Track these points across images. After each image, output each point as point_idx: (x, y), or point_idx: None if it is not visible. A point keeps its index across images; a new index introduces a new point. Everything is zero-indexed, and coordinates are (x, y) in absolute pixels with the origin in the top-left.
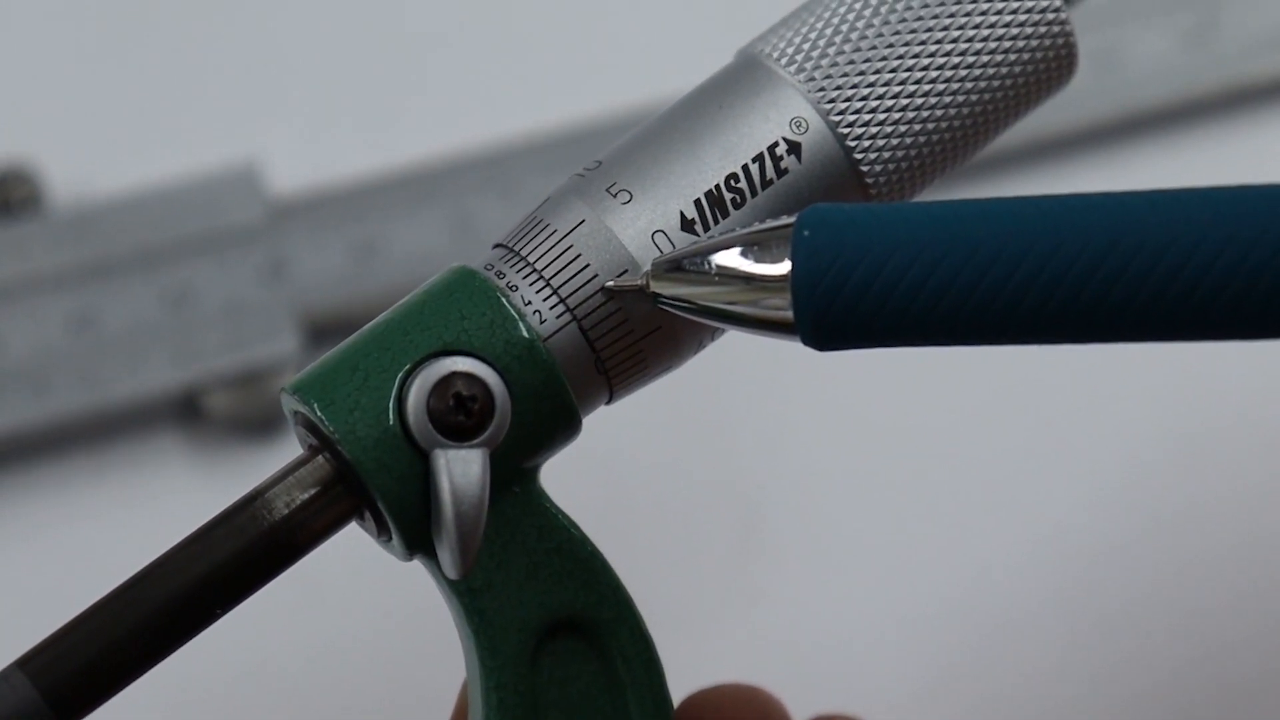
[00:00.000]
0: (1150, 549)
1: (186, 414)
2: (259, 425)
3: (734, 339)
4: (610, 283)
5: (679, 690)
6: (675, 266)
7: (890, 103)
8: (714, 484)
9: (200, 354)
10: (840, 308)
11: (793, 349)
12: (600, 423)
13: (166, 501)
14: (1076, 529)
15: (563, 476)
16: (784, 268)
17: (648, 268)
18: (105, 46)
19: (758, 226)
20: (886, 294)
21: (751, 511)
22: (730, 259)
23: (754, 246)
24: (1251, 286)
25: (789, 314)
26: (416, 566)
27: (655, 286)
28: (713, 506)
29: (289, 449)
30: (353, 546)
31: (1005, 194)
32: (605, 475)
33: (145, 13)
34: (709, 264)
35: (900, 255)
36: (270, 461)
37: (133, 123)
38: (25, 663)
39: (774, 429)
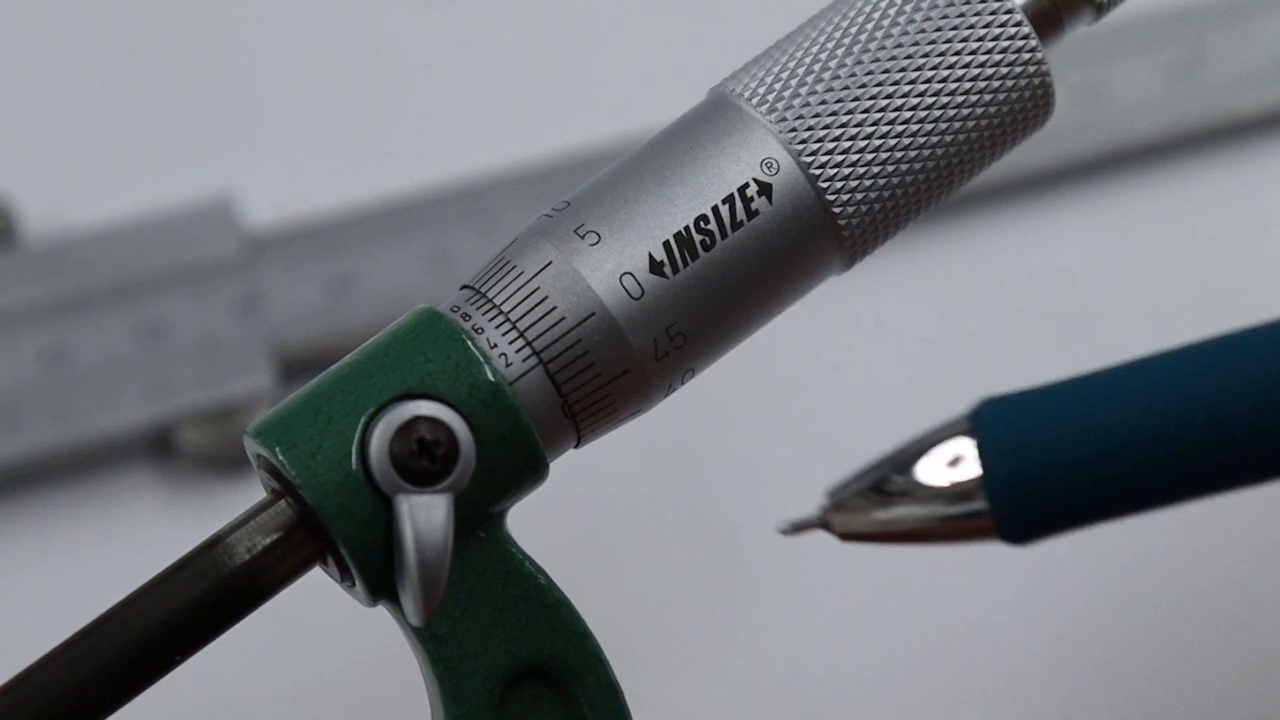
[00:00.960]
0: (1132, 594)
1: (159, 450)
2: (232, 461)
3: (703, 378)
4: (784, 529)
5: None
6: (855, 495)
7: (863, 144)
8: (688, 522)
9: (174, 389)
10: (1038, 499)
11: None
12: (572, 459)
13: (139, 538)
14: (1061, 566)
15: (531, 515)
16: (972, 469)
17: (822, 504)
18: (80, 80)
19: (929, 433)
20: (1079, 476)
21: (727, 551)
22: (912, 478)
23: (931, 453)
24: None
25: (986, 516)
26: (381, 610)
27: (839, 525)
28: (687, 545)
29: (261, 485)
30: (316, 589)
31: (988, 228)
32: (575, 514)
33: (121, 47)
34: (892, 483)
35: (1086, 434)
36: (243, 498)
37: (107, 155)
38: None
39: (750, 464)
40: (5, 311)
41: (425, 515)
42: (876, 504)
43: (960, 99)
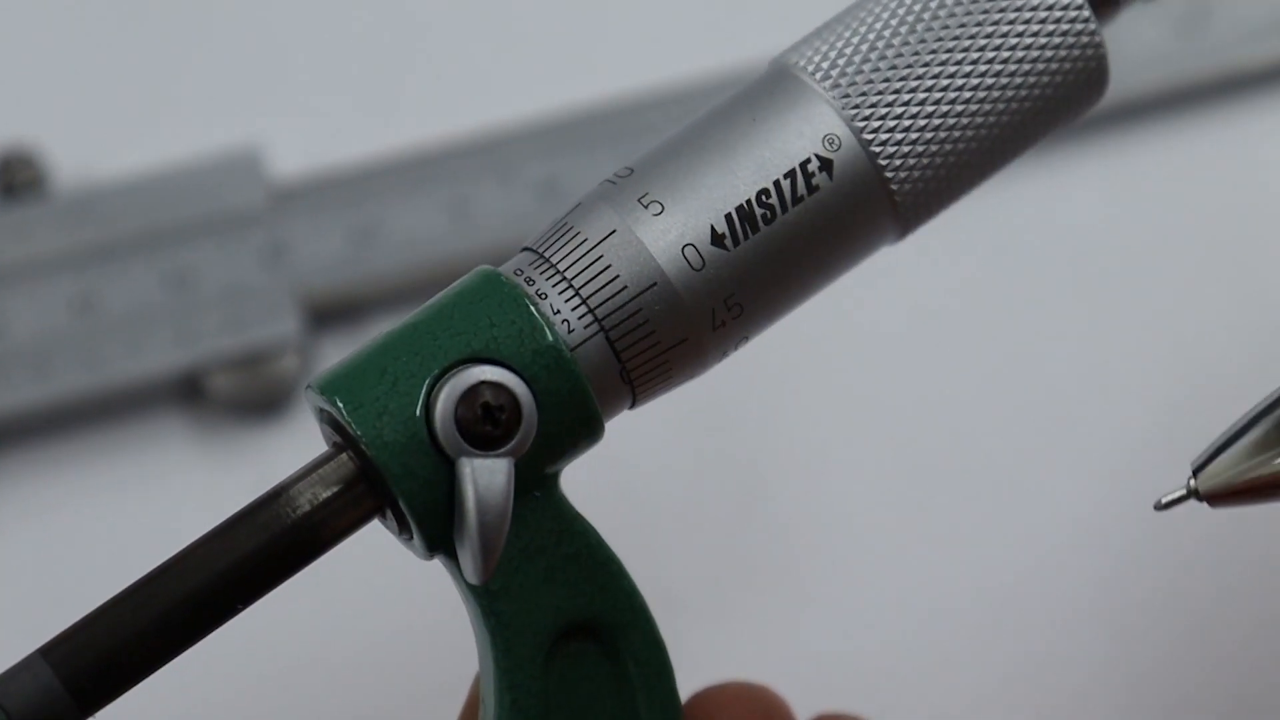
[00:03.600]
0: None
1: (188, 395)
2: (260, 406)
3: (754, 345)
4: (1162, 501)
5: (686, 688)
6: (1221, 468)
7: (923, 122)
8: (724, 480)
9: (201, 336)
10: None
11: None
12: (617, 420)
13: (168, 481)
14: (1086, 517)
15: (577, 473)
16: None
17: (1190, 478)
18: (108, 31)
19: None
20: None
21: (763, 509)
22: None
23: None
24: None
25: None
26: (432, 562)
27: (1212, 498)
28: (711, 490)
29: (289, 429)
30: (369, 541)
31: (996, 181)
32: (619, 472)
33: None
34: (1261, 439)
35: None
36: (271, 442)
37: (135, 107)
38: (48, 651)
39: (789, 428)
40: (36, 260)
41: (487, 480)
42: (1247, 470)
43: (1019, 79)
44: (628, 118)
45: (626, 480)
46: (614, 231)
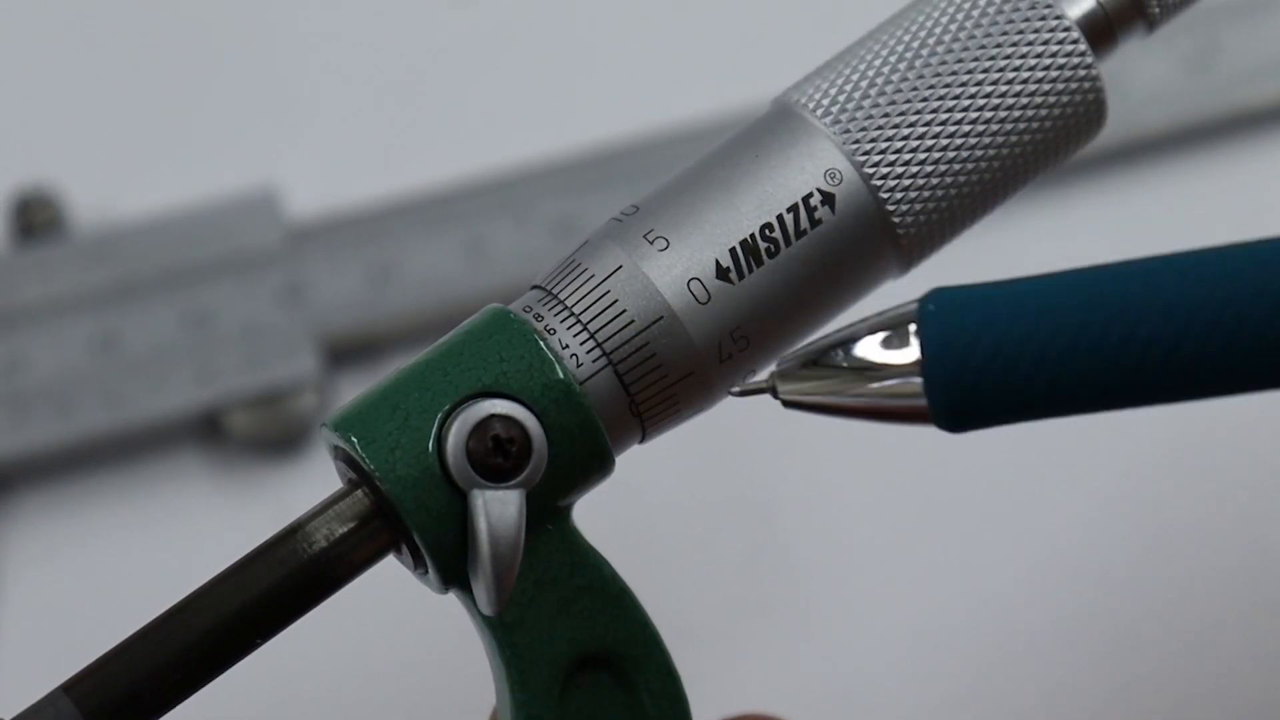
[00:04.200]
0: (1161, 561)
1: (207, 433)
2: (279, 444)
3: None
4: (735, 389)
5: (700, 718)
6: (800, 365)
7: (924, 155)
8: (734, 512)
9: (221, 374)
10: (972, 387)
11: None
12: (626, 454)
13: (188, 519)
14: (1085, 544)
15: (587, 507)
16: (912, 354)
17: (772, 368)
18: (125, 72)
19: (878, 315)
20: (1015, 367)
21: (773, 540)
22: (857, 350)
23: (877, 335)
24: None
25: (922, 401)
26: (448, 596)
27: (783, 390)
28: (722, 523)
29: (308, 468)
30: (386, 575)
31: (1005, 218)
32: (630, 506)
33: (165, 39)
34: (834, 358)
35: (1027, 326)
36: (289, 479)
37: (153, 147)
38: (71, 687)
39: (797, 462)
40: (57, 300)
41: (499, 510)
42: (821, 375)
43: (1017, 112)
44: (641, 156)
45: (637, 513)
46: (620, 267)
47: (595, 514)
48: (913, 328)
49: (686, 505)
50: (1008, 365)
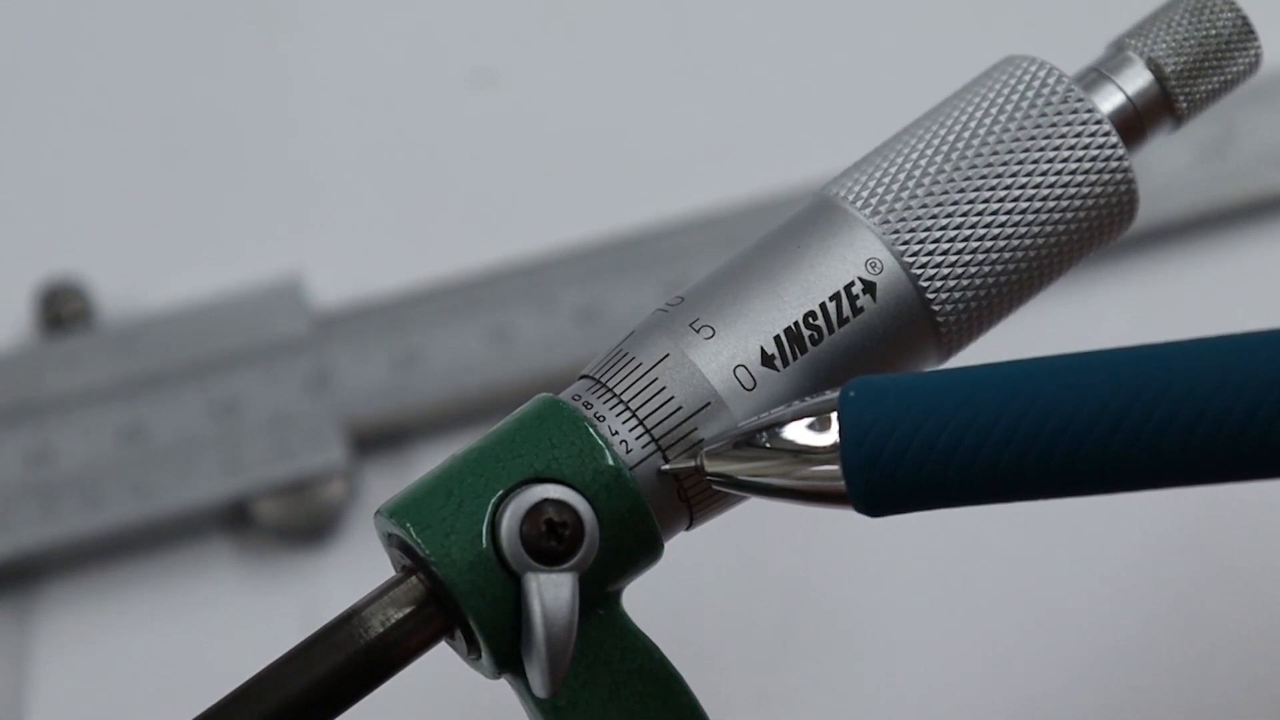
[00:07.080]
0: (1173, 632)
1: (236, 522)
2: (307, 533)
3: None
4: (665, 466)
5: None
6: (731, 445)
7: (962, 245)
8: (769, 595)
9: (249, 463)
10: (888, 473)
11: None
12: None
13: (217, 608)
14: (1100, 615)
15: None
16: (832, 438)
17: (703, 450)
18: (153, 164)
19: (804, 403)
20: (930, 456)
21: (803, 618)
22: (784, 434)
23: (803, 420)
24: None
25: (841, 484)
26: (499, 682)
27: (710, 468)
28: (749, 602)
29: (336, 555)
30: (439, 662)
31: (1029, 305)
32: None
33: (191, 131)
34: (760, 440)
35: (941, 418)
36: (318, 567)
37: (180, 238)
38: None
39: (831, 543)
40: (85, 390)
41: (553, 593)
42: (747, 458)
43: (1052, 203)
44: (663, 243)
45: (676, 595)
46: (667, 355)
47: (636, 597)
48: (834, 415)
49: (722, 587)
50: (921, 453)
